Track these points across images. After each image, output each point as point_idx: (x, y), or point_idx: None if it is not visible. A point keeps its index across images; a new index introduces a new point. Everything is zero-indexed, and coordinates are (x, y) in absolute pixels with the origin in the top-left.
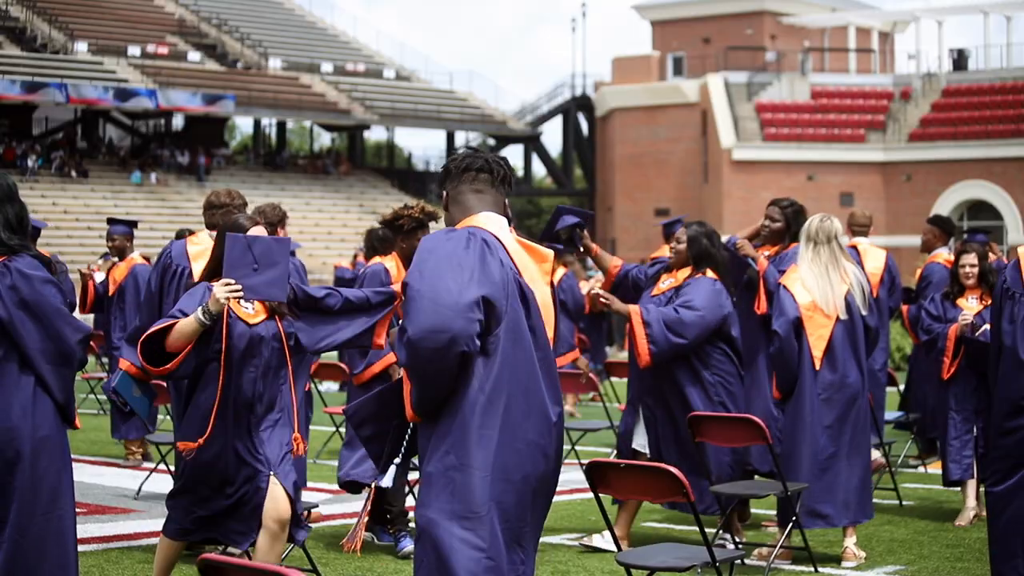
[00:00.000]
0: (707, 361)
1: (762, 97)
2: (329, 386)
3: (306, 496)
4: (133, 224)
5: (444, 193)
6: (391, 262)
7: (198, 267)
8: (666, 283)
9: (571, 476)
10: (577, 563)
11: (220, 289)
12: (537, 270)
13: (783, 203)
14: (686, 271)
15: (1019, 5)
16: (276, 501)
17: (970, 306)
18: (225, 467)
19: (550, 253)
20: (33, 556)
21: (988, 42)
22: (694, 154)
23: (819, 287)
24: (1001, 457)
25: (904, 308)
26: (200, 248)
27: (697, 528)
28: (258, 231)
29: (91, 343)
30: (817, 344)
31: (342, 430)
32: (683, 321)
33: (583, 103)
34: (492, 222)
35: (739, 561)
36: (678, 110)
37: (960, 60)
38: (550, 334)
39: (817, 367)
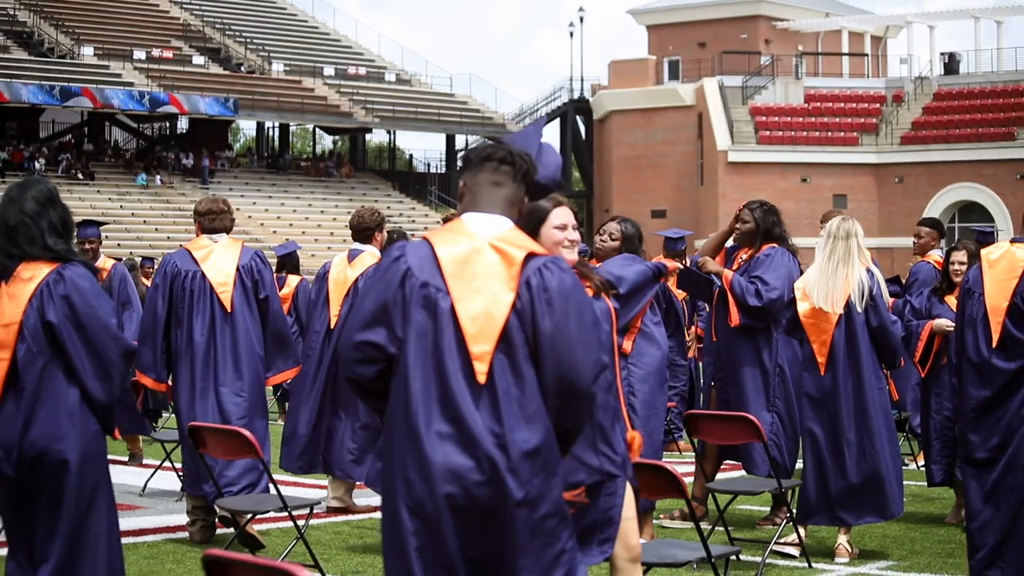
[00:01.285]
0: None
1: (757, 100)
2: None
3: (307, 493)
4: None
5: (461, 183)
6: None
7: (209, 268)
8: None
9: None
10: None
11: None
12: (483, 276)
13: (753, 204)
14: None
15: (1009, 10)
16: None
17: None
18: None
19: (516, 258)
20: (86, 562)
21: (979, 46)
22: (690, 157)
23: (823, 283)
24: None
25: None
26: (206, 251)
27: (720, 528)
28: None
29: None
30: (820, 350)
31: None
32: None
33: (580, 106)
34: (467, 221)
35: (734, 557)
36: (674, 113)
37: (951, 64)
38: (478, 349)
39: (822, 372)
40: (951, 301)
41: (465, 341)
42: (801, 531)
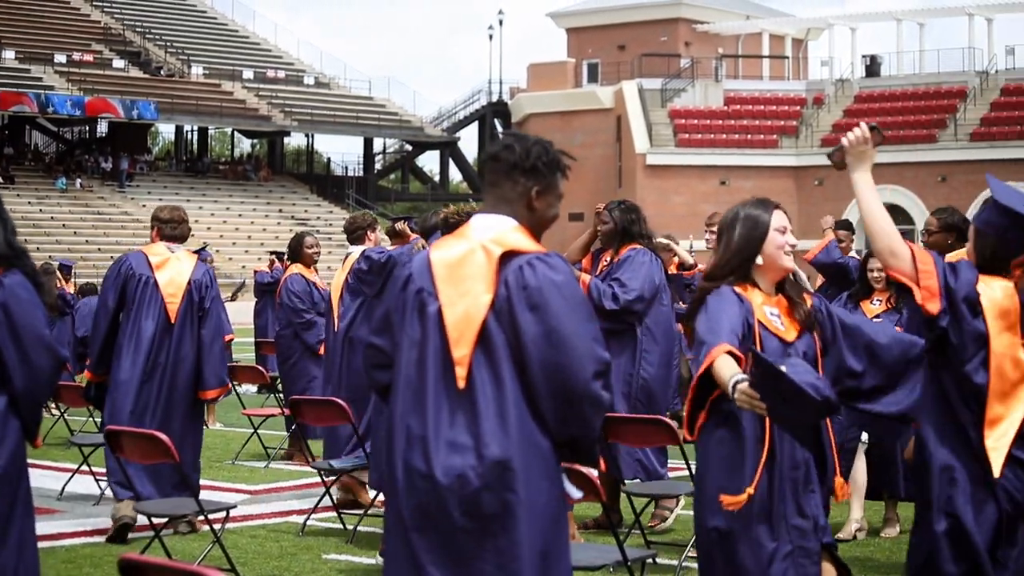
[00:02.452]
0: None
1: (676, 103)
2: (247, 388)
3: (224, 497)
4: None
5: None
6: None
7: (162, 277)
8: None
9: None
10: None
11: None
12: (469, 278)
13: (612, 204)
14: None
15: (932, 12)
16: None
17: (873, 308)
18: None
19: (494, 253)
20: (7, 566)
21: (901, 48)
22: (609, 159)
23: None
24: None
25: None
26: (162, 258)
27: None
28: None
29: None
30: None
31: (260, 432)
32: None
33: (499, 109)
34: (474, 225)
35: (651, 560)
36: (593, 116)
37: (873, 66)
38: (458, 353)
39: None
40: (867, 306)
41: (449, 346)
42: None
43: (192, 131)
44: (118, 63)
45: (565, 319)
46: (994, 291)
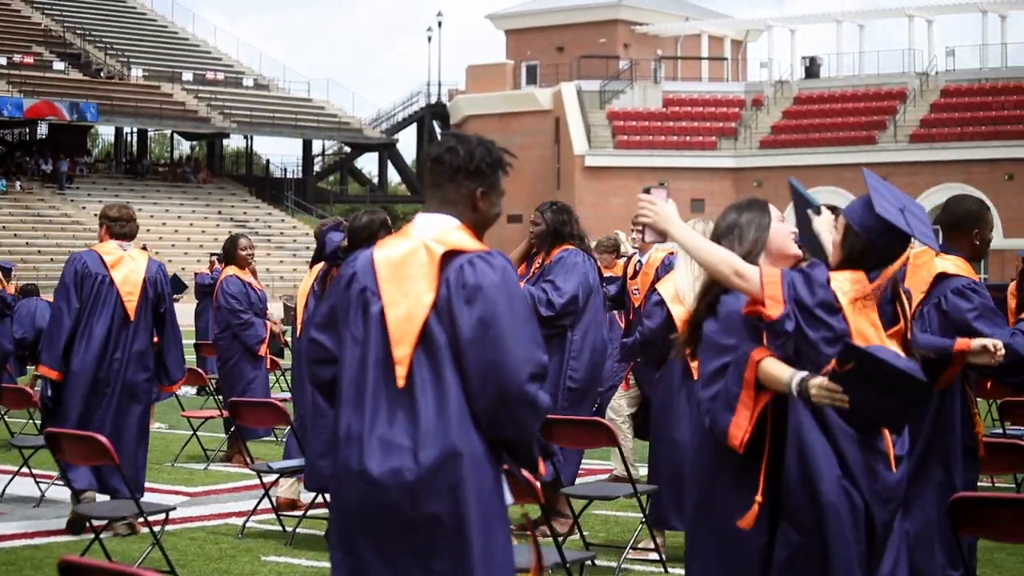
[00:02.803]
0: None
1: (615, 105)
2: (187, 390)
3: (163, 499)
4: None
5: None
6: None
7: (118, 275)
8: None
9: None
10: None
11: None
12: (412, 278)
13: (543, 205)
14: None
15: (871, 13)
16: None
17: None
18: None
19: (438, 255)
20: None
21: (840, 50)
22: (547, 161)
23: (693, 292)
24: None
25: None
26: (116, 257)
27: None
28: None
29: None
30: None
31: (200, 434)
32: None
33: (438, 111)
34: (417, 224)
35: (589, 562)
36: (531, 118)
37: (812, 68)
38: (399, 352)
39: (695, 376)
40: None
41: (391, 345)
42: (657, 537)
43: (132, 133)
44: (58, 65)
45: (503, 319)
46: (842, 283)
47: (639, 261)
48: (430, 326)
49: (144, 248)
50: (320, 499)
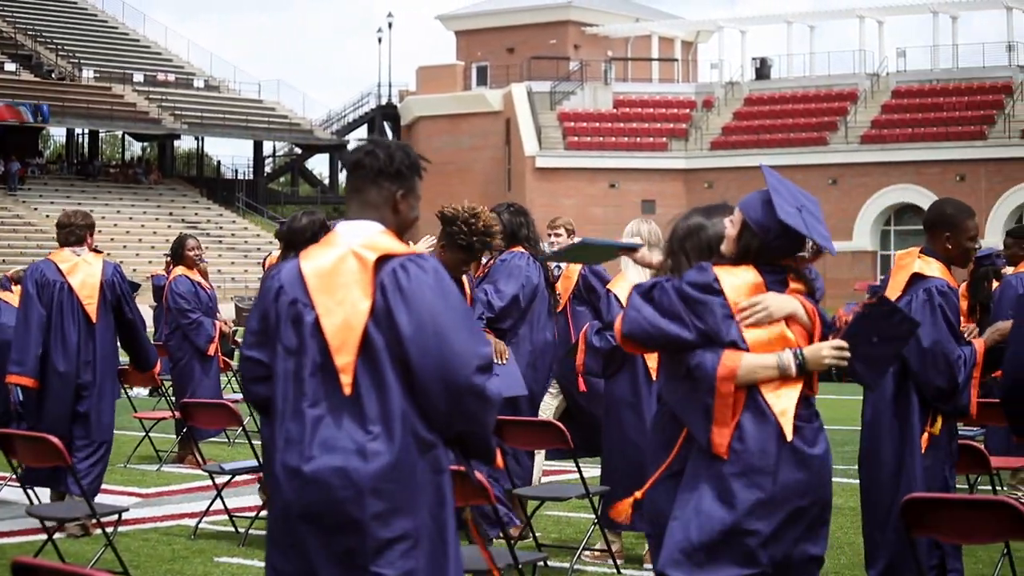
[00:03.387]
0: None
1: (565, 106)
2: (139, 391)
3: (116, 500)
4: None
5: None
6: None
7: (75, 281)
8: None
9: None
10: None
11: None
12: (344, 286)
13: (500, 207)
14: None
15: (822, 15)
16: None
17: None
18: None
19: (370, 261)
20: None
21: (791, 51)
22: (498, 162)
23: None
24: None
25: None
26: (71, 264)
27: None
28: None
29: None
30: (651, 356)
31: (152, 435)
32: None
33: (388, 112)
34: (340, 232)
35: (541, 563)
36: (482, 119)
37: (763, 69)
38: (341, 361)
39: (654, 377)
40: None
41: (331, 354)
42: (610, 537)
43: (83, 134)
44: (9, 66)
45: (441, 316)
46: (736, 277)
47: (558, 266)
48: (369, 332)
49: (97, 251)
50: None
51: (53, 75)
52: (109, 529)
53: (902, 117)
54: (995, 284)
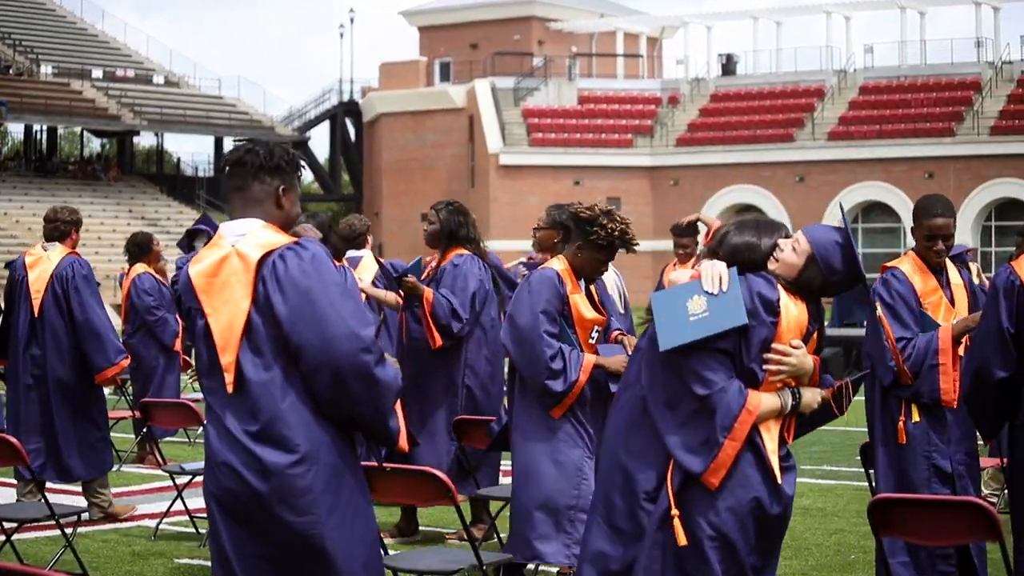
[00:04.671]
0: None
1: (529, 102)
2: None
3: (76, 501)
4: None
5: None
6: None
7: (32, 274)
8: None
9: None
10: None
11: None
12: (228, 285)
13: (439, 204)
14: None
15: (788, 11)
16: None
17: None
18: None
19: (252, 258)
20: None
21: (757, 47)
22: (461, 159)
23: (618, 292)
24: None
25: None
26: (34, 258)
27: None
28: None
29: None
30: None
31: (112, 435)
32: None
33: (351, 108)
34: (223, 233)
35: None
36: (445, 115)
37: (729, 65)
38: (225, 360)
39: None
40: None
41: (218, 355)
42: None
43: (41, 131)
44: None
45: (318, 300)
46: (796, 309)
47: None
48: (252, 326)
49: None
50: None
51: (11, 71)
52: (68, 530)
53: (870, 114)
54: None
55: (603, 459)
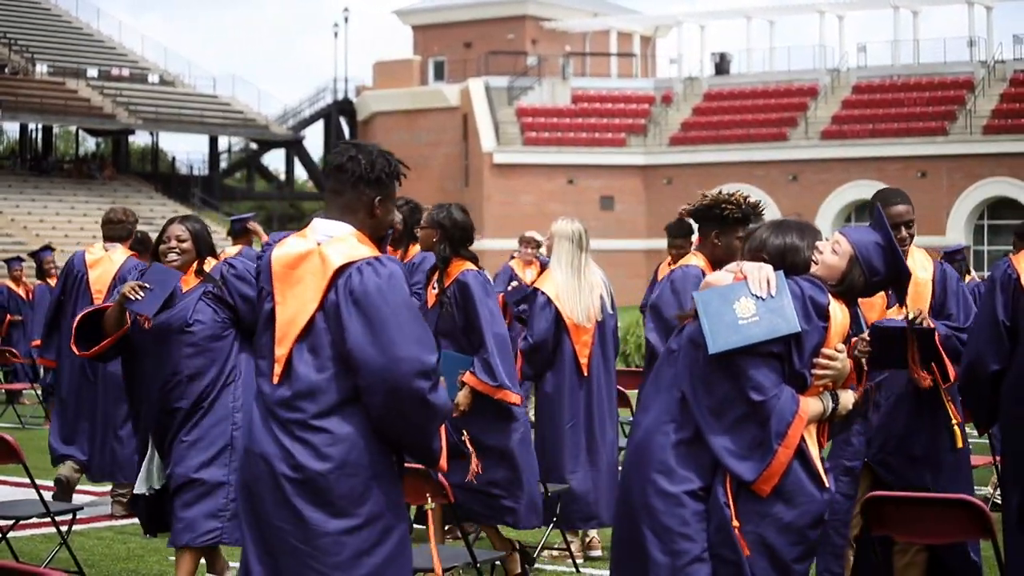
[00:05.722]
0: None
1: (523, 101)
2: None
3: (72, 498)
4: None
5: None
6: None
7: (94, 274)
8: None
9: None
10: None
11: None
12: (302, 281)
13: (399, 202)
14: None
15: (782, 10)
16: None
17: None
18: None
19: (332, 263)
20: None
21: (751, 46)
22: (455, 158)
23: (579, 299)
24: None
25: None
26: (95, 257)
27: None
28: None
29: None
30: (582, 351)
31: None
32: None
33: (345, 107)
34: (315, 227)
35: (499, 562)
36: (439, 114)
37: (722, 64)
38: (279, 351)
39: (585, 373)
40: None
41: (275, 343)
42: (568, 536)
43: (36, 130)
44: None
45: (387, 319)
46: (842, 314)
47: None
48: (315, 327)
49: (46, 247)
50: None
51: (6, 70)
52: (64, 528)
53: (863, 113)
54: (967, 279)
55: (633, 464)
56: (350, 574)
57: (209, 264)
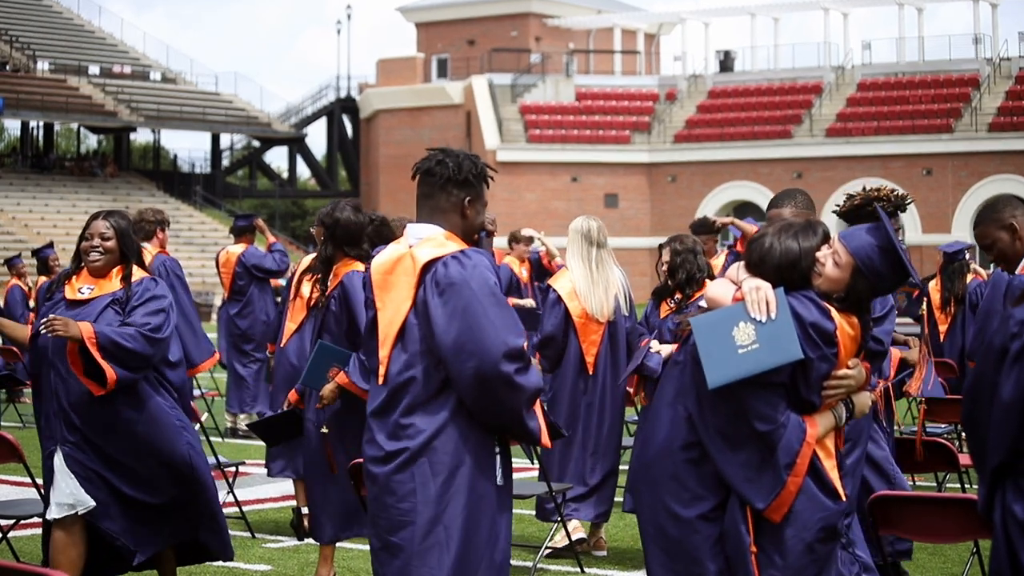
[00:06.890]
0: None
1: (527, 99)
2: None
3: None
4: None
5: None
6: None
7: None
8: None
9: None
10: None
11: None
12: (397, 284)
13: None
14: None
15: (786, 7)
16: None
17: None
18: None
19: (420, 260)
20: None
21: (755, 43)
22: None
23: (595, 293)
24: None
25: None
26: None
27: None
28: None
29: None
30: (589, 350)
31: None
32: None
33: (348, 105)
34: (408, 233)
35: None
36: (442, 112)
37: (726, 62)
38: (382, 353)
39: (590, 372)
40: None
41: (378, 346)
42: (572, 531)
43: (38, 127)
44: None
45: (472, 307)
46: (850, 328)
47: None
48: (408, 325)
49: (48, 245)
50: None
51: (8, 67)
52: None
53: (867, 110)
54: (968, 278)
55: (645, 484)
56: (435, 509)
57: (138, 274)
